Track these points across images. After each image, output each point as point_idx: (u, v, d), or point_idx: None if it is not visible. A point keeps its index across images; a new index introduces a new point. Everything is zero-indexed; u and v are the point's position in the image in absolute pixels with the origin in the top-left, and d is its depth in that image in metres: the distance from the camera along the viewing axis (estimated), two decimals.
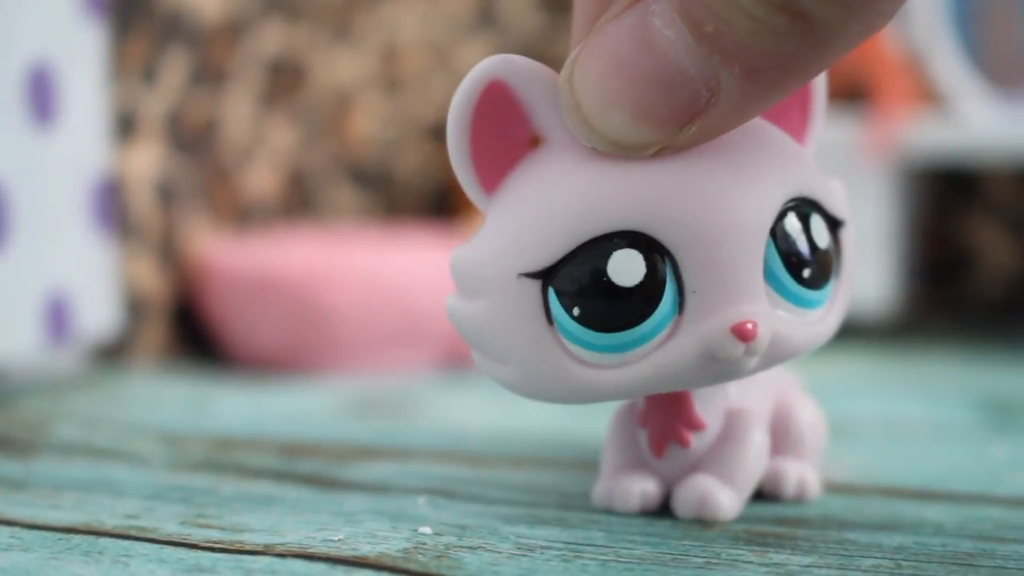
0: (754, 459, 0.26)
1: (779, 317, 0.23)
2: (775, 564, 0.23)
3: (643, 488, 0.26)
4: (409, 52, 0.76)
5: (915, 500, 0.28)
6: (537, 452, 0.34)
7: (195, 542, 0.25)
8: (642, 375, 0.23)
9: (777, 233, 0.23)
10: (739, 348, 0.22)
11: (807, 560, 0.23)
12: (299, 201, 0.67)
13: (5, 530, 0.26)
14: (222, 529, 0.26)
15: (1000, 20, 0.67)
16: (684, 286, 0.23)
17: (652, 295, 0.22)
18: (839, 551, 0.24)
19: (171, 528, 0.26)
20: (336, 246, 0.58)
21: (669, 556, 0.23)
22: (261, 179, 0.64)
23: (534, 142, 0.24)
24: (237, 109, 0.61)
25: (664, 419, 0.26)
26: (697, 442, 0.26)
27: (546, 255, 0.23)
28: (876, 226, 0.64)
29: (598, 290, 0.22)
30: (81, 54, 0.47)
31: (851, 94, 0.66)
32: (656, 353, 0.23)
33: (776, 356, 0.23)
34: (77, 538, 0.25)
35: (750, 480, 0.26)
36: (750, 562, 0.23)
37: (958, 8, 0.67)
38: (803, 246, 0.23)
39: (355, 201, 0.72)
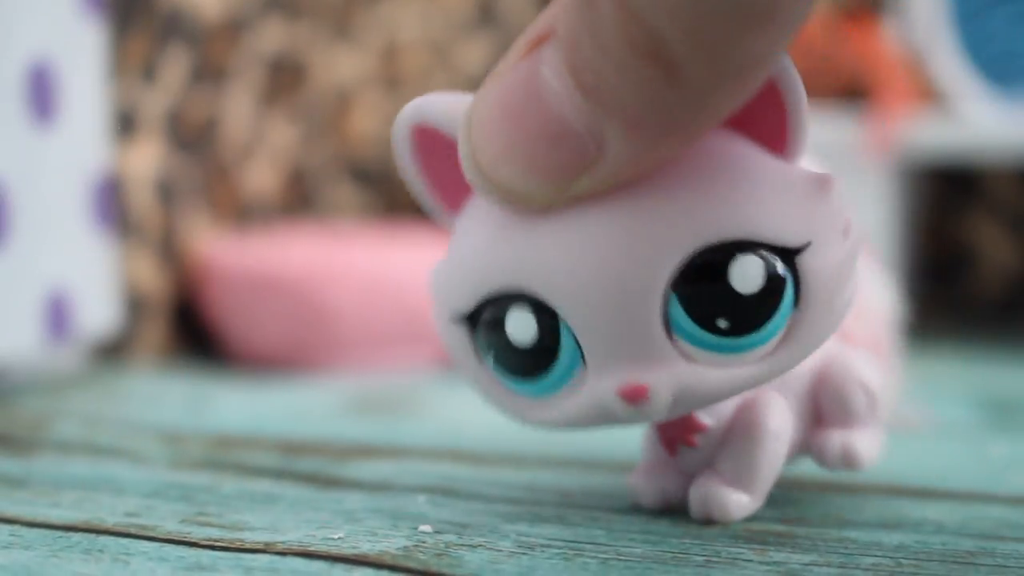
0: (770, 452, 0.25)
1: (685, 372, 0.22)
2: (775, 562, 0.23)
3: (663, 486, 0.26)
4: (409, 50, 0.76)
5: (915, 499, 0.28)
6: (537, 451, 0.34)
7: (195, 540, 0.25)
8: (561, 416, 0.23)
9: (681, 285, 0.22)
10: (629, 410, 0.22)
11: (807, 558, 0.23)
12: (299, 199, 0.67)
13: (5, 528, 0.26)
14: (222, 527, 0.26)
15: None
16: (580, 342, 0.22)
17: (547, 352, 0.23)
18: (839, 549, 0.24)
19: (171, 526, 0.26)
20: (336, 245, 0.58)
21: (669, 554, 0.23)
22: (261, 177, 0.64)
23: None
24: (237, 107, 0.61)
25: (668, 424, 0.26)
26: (705, 440, 0.26)
27: (464, 304, 0.23)
28: (876, 225, 0.64)
29: (499, 344, 0.23)
30: (81, 52, 0.47)
31: (851, 93, 0.66)
32: (568, 400, 0.23)
33: (689, 405, 0.23)
34: (77, 536, 0.25)
35: (766, 475, 0.26)
36: (750, 560, 0.23)
37: (958, 8, 0.67)
38: (714, 297, 0.22)
39: (355, 200, 0.72)
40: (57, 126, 0.46)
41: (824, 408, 0.27)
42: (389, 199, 0.75)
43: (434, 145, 0.24)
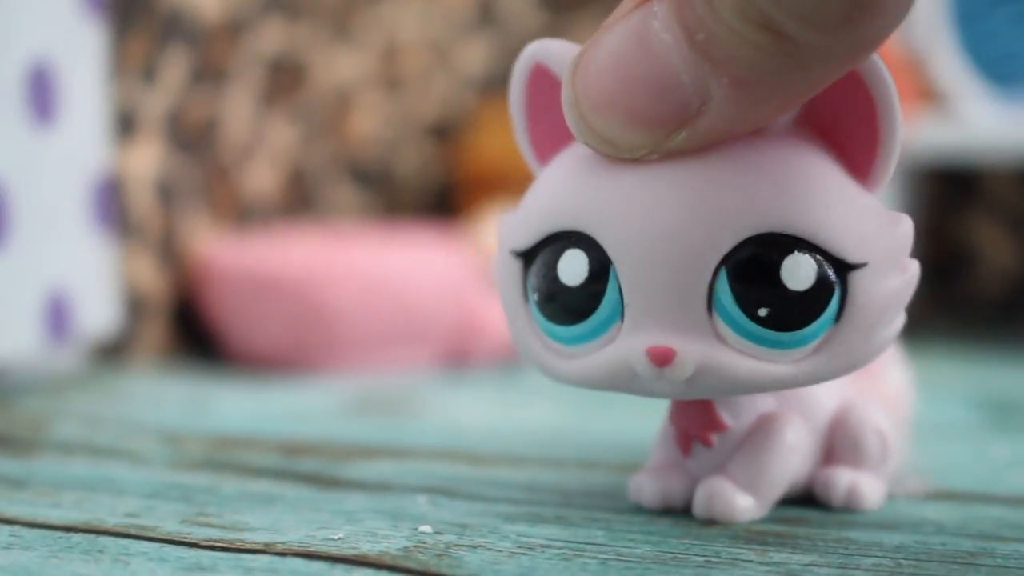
0: (781, 461, 0.26)
1: (715, 351, 0.22)
2: (775, 563, 0.23)
3: (665, 486, 0.26)
4: (409, 51, 0.76)
5: (915, 499, 0.28)
6: (537, 451, 0.34)
7: (195, 541, 0.25)
8: (582, 371, 0.24)
9: (733, 265, 0.22)
10: (653, 371, 0.23)
11: (807, 559, 0.23)
12: (299, 200, 0.67)
13: (5, 528, 0.26)
14: (222, 528, 0.26)
15: None
16: (624, 296, 0.23)
17: (591, 299, 0.23)
18: (839, 550, 0.24)
19: (171, 527, 0.26)
20: (336, 245, 0.58)
21: (669, 555, 0.23)
22: (261, 178, 0.64)
23: None
24: (237, 108, 0.61)
25: (689, 419, 0.26)
26: (721, 443, 0.26)
27: (526, 239, 0.24)
28: None
29: (550, 283, 0.24)
30: (81, 53, 0.47)
31: None
32: (596, 354, 0.24)
33: (707, 387, 0.23)
34: (77, 536, 0.25)
35: (775, 483, 0.26)
36: (750, 561, 0.23)
37: (958, 8, 0.67)
38: (762, 284, 0.22)
39: (355, 200, 0.72)
40: (57, 127, 0.46)
41: (837, 447, 0.27)
42: (389, 199, 0.75)
43: (546, 89, 0.25)
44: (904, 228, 0.23)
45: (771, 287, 0.22)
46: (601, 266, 0.23)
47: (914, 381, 0.31)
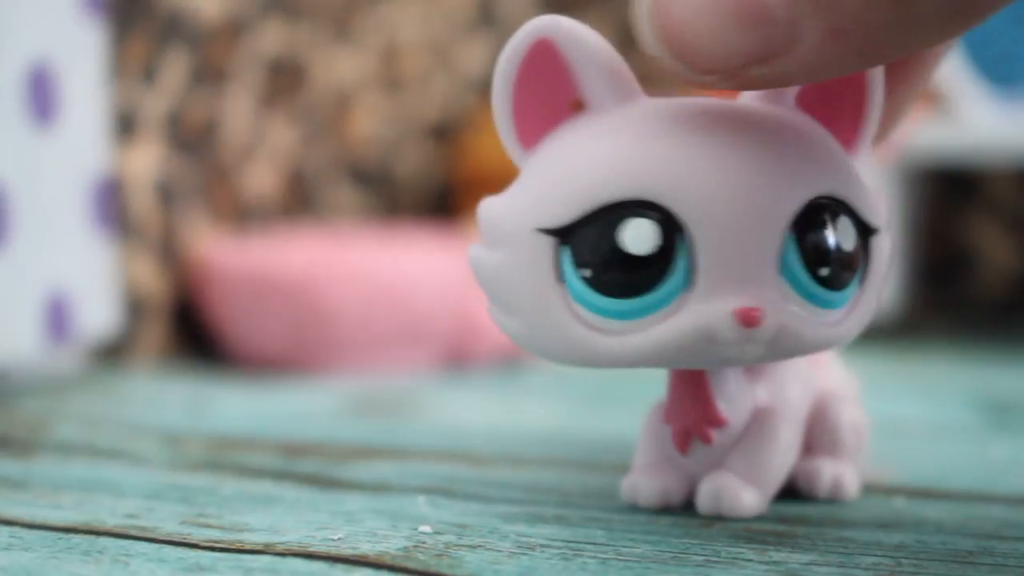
0: (780, 456, 0.26)
1: (789, 311, 0.23)
2: (775, 562, 0.23)
3: (664, 485, 0.26)
4: (409, 52, 0.76)
5: (915, 499, 0.28)
6: (537, 451, 0.34)
7: (195, 541, 0.25)
8: (641, 345, 0.23)
9: (798, 227, 0.23)
10: (740, 332, 0.22)
11: (807, 558, 0.23)
12: (299, 201, 0.67)
13: (5, 529, 0.26)
14: (222, 528, 0.26)
15: None
16: (696, 262, 0.22)
17: (662, 266, 0.22)
18: (839, 549, 0.24)
19: (171, 527, 0.26)
20: (336, 246, 0.58)
21: (669, 554, 0.23)
22: (261, 179, 0.64)
23: (576, 106, 0.24)
24: (237, 109, 0.61)
25: (686, 415, 0.26)
26: (720, 439, 0.26)
27: (565, 213, 0.23)
28: None
29: (610, 255, 0.23)
30: (81, 54, 0.47)
31: None
32: (659, 326, 0.23)
33: (782, 350, 0.23)
34: (77, 537, 0.25)
35: (775, 477, 0.26)
36: (750, 560, 0.23)
37: None
38: (824, 244, 0.23)
39: (355, 201, 0.72)
40: (57, 128, 0.46)
41: (816, 440, 0.28)
42: (389, 200, 0.75)
43: (540, 72, 0.24)
44: (884, 194, 0.25)
45: (829, 248, 0.23)
46: (670, 233, 0.22)
47: (854, 377, 0.31)
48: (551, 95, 0.24)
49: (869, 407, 0.30)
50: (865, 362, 0.32)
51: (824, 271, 0.23)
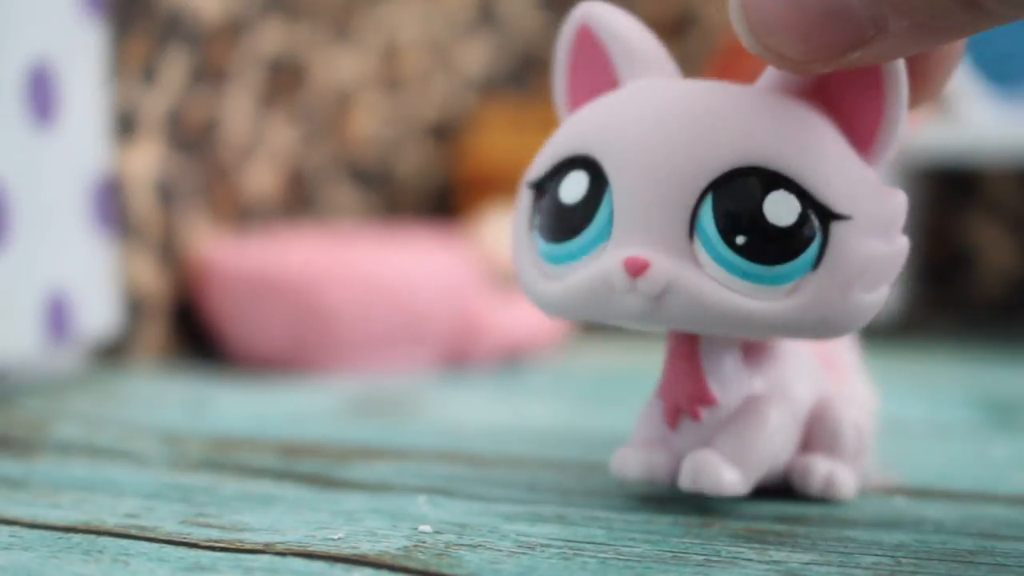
0: (767, 440, 0.26)
1: (687, 270, 0.23)
2: (775, 562, 0.23)
3: (650, 459, 0.27)
4: (409, 51, 0.76)
5: (915, 498, 0.28)
6: (537, 451, 0.34)
7: (195, 541, 0.25)
8: (563, 291, 0.25)
9: (719, 191, 0.23)
10: (627, 281, 0.23)
11: (807, 557, 0.23)
12: (299, 201, 0.67)
13: (5, 529, 0.26)
14: (222, 528, 0.26)
15: None
16: (615, 214, 0.24)
17: (585, 215, 0.25)
18: (839, 548, 0.24)
19: (171, 527, 0.26)
20: (336, 246, 0.58)
21: (669, 554, 0.23)
22: (261, 179, 0.64)
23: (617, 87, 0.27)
24: (237, 109, 0.61)
25: (677, 390, 0.26)
26: (709, 418, 0.26)
27: (539, 169, 0.26)
28: None
29: (550, 202, 0.25)
30: (81, 54, 0.47)
31: None
32: (579, 272, 0.25)
33: (679, 310, 0.23)
34: (77, 537, 0.25)
35: (760, 460, 0.26)
36: (750, 559, 0.23)
37: None
38: (743, 212, 0.23)
39: (355, 201, 0.72)
40: (57, 128, 0.46)
41: (815, 437, 0.28)
42: (389, 200, 0.75)
43: (588, 50, 0.27)
44: (897, 200, 0.24)
45: (752, 217, 0.23)
46: (598, 185, 0.24)
47: (875, 391, 0.32)
48: (597, 76, 0.27)
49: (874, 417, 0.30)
50: (865, 362, 0.32)
51: (740, 239, 0.23)
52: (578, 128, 0.25)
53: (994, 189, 0.80)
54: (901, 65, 0.23)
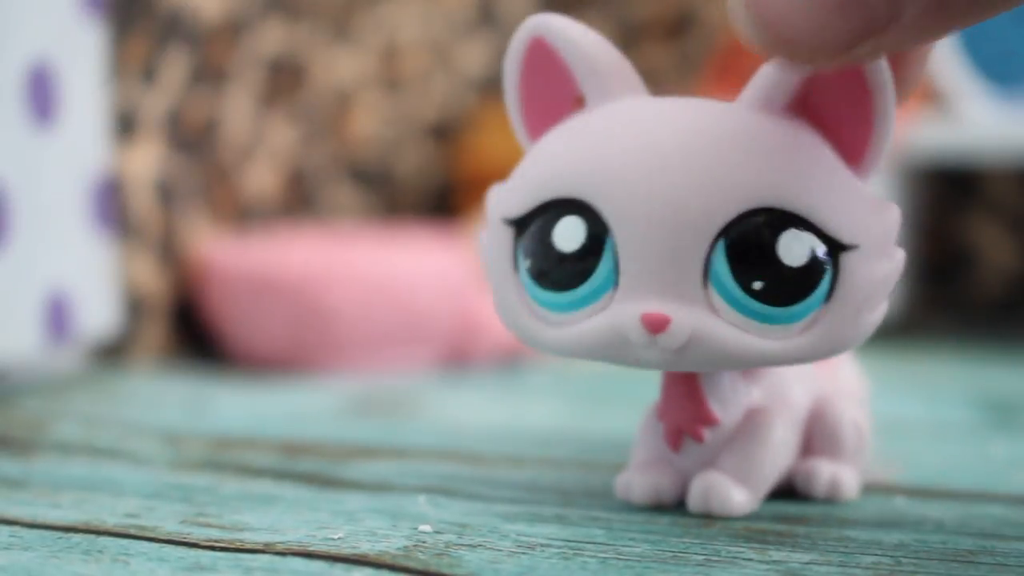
0: (772, 456, 0.26)
1: (706, 321, 0.23)
2: (775, 561, 0.23)
3: (657, 483, 0.26)
4: (409, 51, 0.76)
5: (915, 498, 0.28)
6: (537, 451, 0.34)
7: (195, 541, 0.25)
8: (572, 339, 0.24)
9: (731, 237, 0.22)
10: (646, 337, 0.23)
11: (807, 557, 0.23)
12: (299, 201, 0.67)
13: (5, 529, 0.26)
14: (222, 528, 0.26)
15: None
16: (620, 264, 0.23)
17: (588, 265, 0.23)
18: (839, 548, 0.24)
19: (171, 527, 0.26)
20: (336, 246, 0.58)
21: (669, 554, 0.23)
22: (261, 179, 0.64)
23: (579, 102, 0.25)
24: (237, 109, 0.61)
25: (679, 413, 0.26)
26: (713, 438, 0.26)
27: (519, 206, 0.24)
28: None
29: (544, 250, 0.24)
30: (81, 54, 0.47)
31: None
32: (586, 322, 0.24)
33: (701, 358, 0.23)
34: (77, 537, 0.25)
35: (767, 476, 0.26)
36: (750, 559, 0.23)
37: None
38: (757, 257, 0.22)
39: (355, 201, 0.72)
40: (57, 127, 0.46)
41: (815, 440, 0.28)
42: (389, 200, 0.75)
43: (542, 65, 0.25)
44: (892, 215, 0.24)
45: (767, 261, 0.23)
46: (597, 233, 0.23)
47: (865, 374, 0.31)
48: (553, 90, 0.25)
49: (869, 407, 0.30)
50: (865, 362, 0.32)
51: (758, 285, 0.23)
52: (562, 165, 0.24)
53: (994, 189, 0.80)
54: (888, 75, 0.23)
